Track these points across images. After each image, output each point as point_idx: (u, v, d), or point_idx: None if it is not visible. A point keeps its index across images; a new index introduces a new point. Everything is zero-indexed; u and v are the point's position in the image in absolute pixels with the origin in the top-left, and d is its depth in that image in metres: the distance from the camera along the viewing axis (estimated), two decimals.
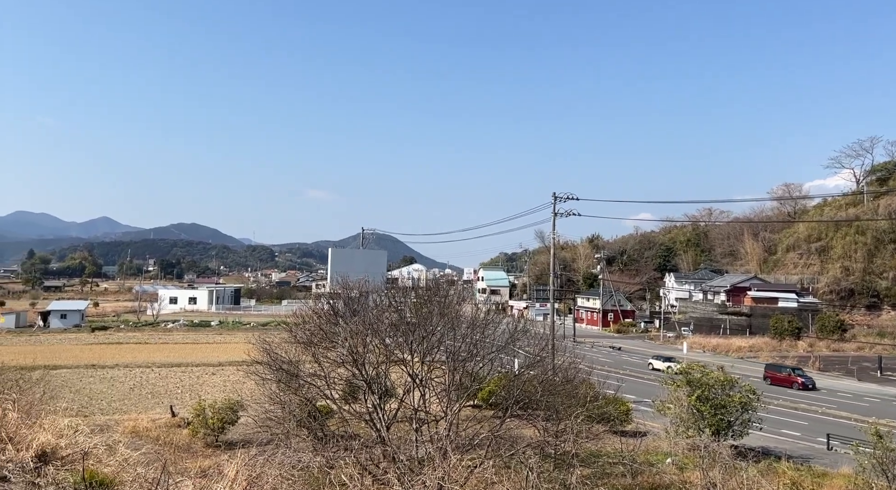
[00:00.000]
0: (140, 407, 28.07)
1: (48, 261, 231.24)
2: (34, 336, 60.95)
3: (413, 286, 34.29)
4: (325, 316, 23.11)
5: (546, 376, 19.59)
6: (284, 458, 13.06)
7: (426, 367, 18.62)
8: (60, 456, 10.22)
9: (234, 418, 22.61)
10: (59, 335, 61.57)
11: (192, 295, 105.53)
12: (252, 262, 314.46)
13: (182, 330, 69.58)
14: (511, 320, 24.27)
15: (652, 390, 31.51)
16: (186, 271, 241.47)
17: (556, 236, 42.83)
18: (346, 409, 19.25)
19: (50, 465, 9.59)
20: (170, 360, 44.51)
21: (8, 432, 10.98)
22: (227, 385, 33.48)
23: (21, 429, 11.49)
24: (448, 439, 14.44)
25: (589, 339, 71.74)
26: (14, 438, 10.77)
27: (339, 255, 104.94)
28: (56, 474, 9.21)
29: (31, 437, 10.60)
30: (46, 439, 10.39)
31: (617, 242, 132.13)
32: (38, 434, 10.89)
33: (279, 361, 20.32)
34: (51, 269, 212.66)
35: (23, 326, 68.31)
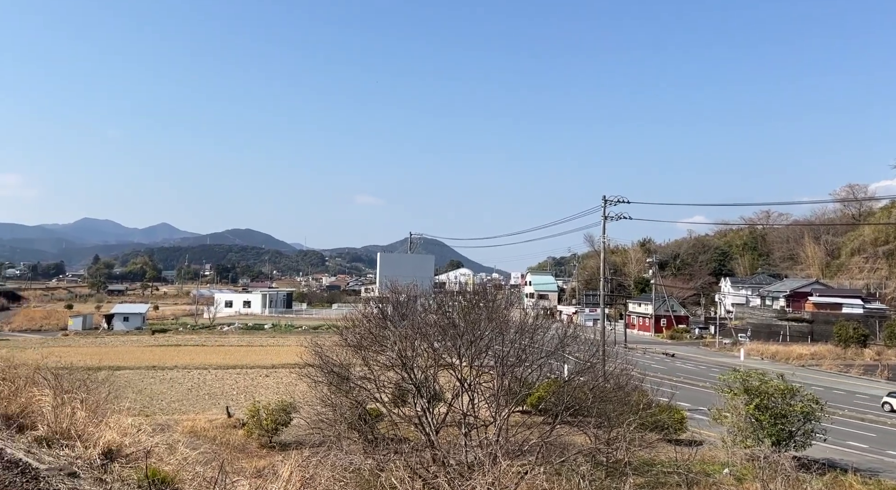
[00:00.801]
0: (197, 407, 28.96)
1: (112, 266, 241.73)
2: (99, 338, 63.75)
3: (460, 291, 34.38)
4: (375, 320, 23.40)
5: (597, 383, 19.29)
6: (336, 460, 13.25)
7: (474, 372, 18.61)
8: (125, 454, 10.64)
9: (287, 420, 23.08)
10: (122, 337, 64.22)
11: (247, 299, 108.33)
12: (303, 267, 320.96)
13: (237, 333, 71.53)
14: (560, 326, 24.02)
15: (707, 398, 30.62)
16: (241, 276, 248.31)
17: (606, 240, 42.17)
18: (395, 412, 19.41)
19: (115, 462, 10.00)
20: (225, 362, 45.80)
21: (77, 430, 11.51)
22: (280, 387, 34.22)
23: (88, 427, 12.03)
24: (498, 445, 14.38)
25: (641, 345, 70.22)
26: (82, 436, 11.28)
27: (387, 260, 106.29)
28: (121, 471, 9.59)
29: (98, 435, 11.08)
30: (112, 437, 10.84)
31: (670, 246, 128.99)
32: (104, 432, 11.38)
33: (330, 364, 20.68)
34: (114, 273, 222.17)
35: (89, 328, 71.54)
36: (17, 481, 7.96)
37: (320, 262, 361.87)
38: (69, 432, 11.51)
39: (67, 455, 10.30)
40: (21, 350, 44.85)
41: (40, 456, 9.86)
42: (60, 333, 67.37)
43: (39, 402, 13.65)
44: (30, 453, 9.80)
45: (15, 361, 25.29)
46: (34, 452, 10.00)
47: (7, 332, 68.39)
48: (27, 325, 75.73)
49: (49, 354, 37.49)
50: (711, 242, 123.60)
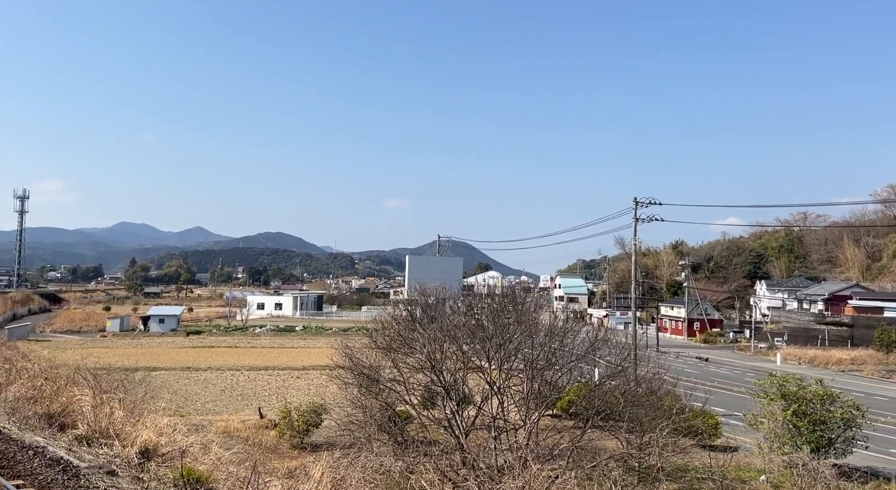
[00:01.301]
0: (230, 408, 29.40)
1: (148, 269, 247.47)
2: (136, 339, 65.24)
3: (489, 293, 34.30)
4: (404, 322, 23.51)
5: (628, 387, 19.03)
6: (367, 462, 13.32)
7: (504, 375, 18.54)
8: (161, 453, 10.88)
9: (318, 421, 23.29)
10: (158, 338, 65.61)
11: (278, 301, 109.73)
12: (333, 270, 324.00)
13: (269, 335, 72.52)
14: (590, 329, 23.76)
15: (743, 403, 29.96)
16: (272, 278, 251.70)
17: (637, 242, 41.64)
18: (424, 414, 19.45)
19: (152, 461, 10.23)
20: (258, 363, 46.44)
21: (115, 429, 11.81)
22: (311, 388, 34.56)
23: (126, 426, 12.33)
24: (528, 448, 14.30)
25: (673, 349, 69.10)
26: (120, 435, 11.56)
27: (416, 263, 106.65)
28: (157, 470, 9.81)
29: (135, 435, 11.35)
30: (148, 437, 11.09)
31: (703, 248, 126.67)
32: (141, 432, 11.65)
33: (360, 366, 20.82)
34: (150, 276, 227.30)
35: (126, 330, 73.28)
36: (59, 479, 8.20)
37: (350, 265, 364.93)
38: (108, 431, 11.81)
39: (106, 453, 10.58)
40: (62, 351, 46.15)
41: (81, 454, 10.14)
42: (99, 335, 69.14)
43: (80, 402, 14.04)
44: (71, 451, 10.08)
45: (56, 362, 26.10)
46: (75, 451, 10.28)
47: (49, 333, 70.45)
48: (67, 326, 77.93)
49: (88, 355, 38.51)
50: (746, 245, 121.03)
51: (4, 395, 14.81)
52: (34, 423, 12.37)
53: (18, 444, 10.06)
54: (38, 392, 15.27)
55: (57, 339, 62.92)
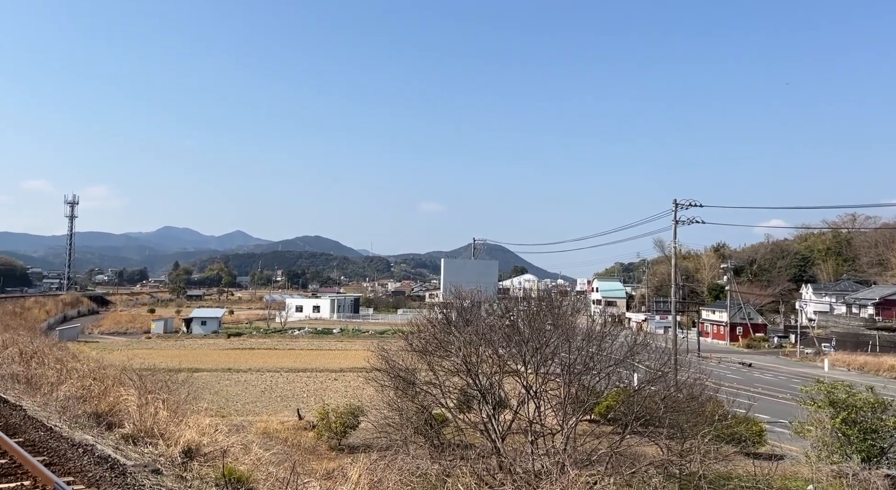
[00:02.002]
0: (270, 409, 29.86)
1: (190, 272, 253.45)
2: (179, 341, 66.90)
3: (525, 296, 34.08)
4: (439, 325, 23.52)
5: (668, 392, 18.65)
6: (403, 465, 13.37)
7: (540, 379, 18.39)
8: (203, 452, 11.12)
9: (355, 423, 23.48)
10: (200, 340, 67.14)
11: (316, 303, 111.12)
12: (369, 273, 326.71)
13: (307, 337, 73.52)
14: (629, 333, 23.39)
15: (788, 410, 29.07)
16: (310, 281, 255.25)
17: (677, 245, 40.85)
18: (460, 418, 19.42)
19: (194, 460, 10.47)
20: (296, 365, 47.09)
21: (159, 428, 12.12)
22: (348, 390, 34.87)
23: (170, 426, 12.65)
24: (565, 454, 14.14)
25: (715, 354, 67.51)
26: (164, 434, 11.87)
27: (451, 266, 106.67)
28: (200, 469, 10.03)
29: (179, 434, 11.63)
30: (191, 437, 11.36)
31: (745, 251, 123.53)
32: (184, 431, 11.93)
33: (396, 369, 20.91)
34: (192, 279, 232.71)
35: (170, 332, 75.21)
36: (107, 476, 8.45)
37: (386, 268, 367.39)
38: (152, 431, 12.13)
39: (151, 452, 10.86)
40: (109, 352, 47.61)
41: (127, 452, 10.43)
42: (144, 336, 71.13)
43: (126, 402, 14.46)
44: (118, 450, 10.38)
45: (104, 363, 26.92)
46: (121, 449, 10.59)
47: (97, 335, 72.81)
48: (114, 327, 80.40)
49: (133, 356, 39.64)
50: (791, 247, 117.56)
51: (56, 395, 15.37)
52: (83, 421, 12.80)
53: (69, 441, 10.41)
54: (87, 392, 15.79)
55: (104, 341, 64.96)
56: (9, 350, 24.77)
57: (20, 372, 19.22)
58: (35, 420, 12.15)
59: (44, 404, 14.45)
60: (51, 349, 29.05)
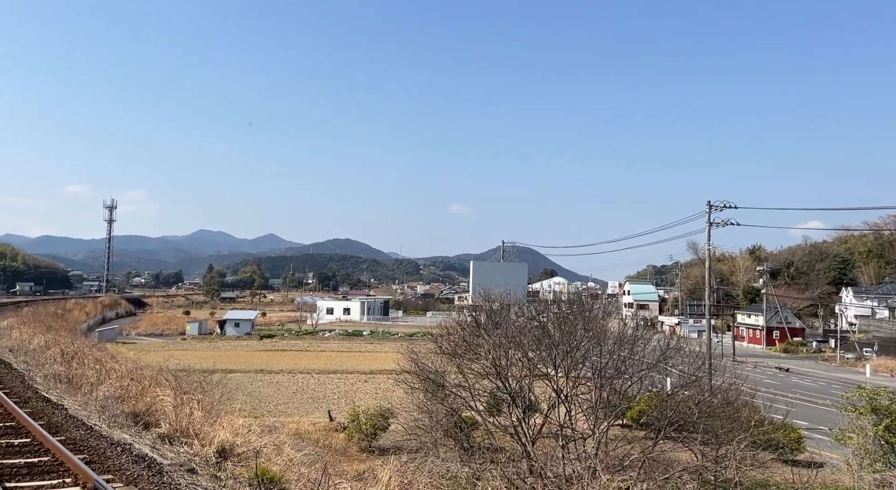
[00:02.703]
0: (301, 410, 30.17)
1: (224, 274, 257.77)
2: (213, 342, 68.10)
3: (555, 299, 33.82)
4: (468, 328, 23.49)
5: (703, 397, 18.32)
6: (433, 467, 13.39)
7: (571, 383, 18.23)
8: (237, 453, 11.30)
9: (385, 425, 23.57)
10: (234, 342, 68.24)
11: (347, 306, 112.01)
12: (399, 275, 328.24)
13: (337, 339, 74.14)
14: (662, 337, 23.05)
15: (828, 417, 28.27)
16: (341, 284, 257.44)
17: (711, 247, 40.11)
18: (490, 421, 19.35)
19: (228, 460, 10.64)
20: (327, 367, 47.51)
21: (194, 429, 12.35)
22: (378, 392, 35.03)
23: (204, 426, 12.88)
24: (597, 458, 13.98)
25: (751, 358, 66.05)
26: (199, 434, 12.09)
27: (480, 268, 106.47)
28: (233, 469, 10.19)
29: (213, 435, 11.84)
30: (225, 437, 11.55)
31: (782, 254, 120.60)
32: (218, 432, 12.14)
33: (426, 371, 20.94)
34: (226, 282, 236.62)
35: (204, 333, 76.59)
36: (144, 475, 8.64)
37: (415, 271, 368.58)
38: (188, 430, 12.36)
39: (186, 452, 11.07)
40: (146, 353, 48.70)
41: (163, 452, 10.65)
42: (179, 337, 72.58)
43: (162, 402, 14.77)
44: (154, 449, 10.60)
45: (141, 363, 27.54)
46: (158, 448, 10.82)
47: (134, 336, 74.58)
48: (151, 329, 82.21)
49: (169, 357, 40.41)
50: (830, 249, 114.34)
51: (95, 394, 15.77)
52: (121, 421, 13.11)
53: (108, 440, 10.68)
54: (125, 392, 16.18)
55: (141, 342, 66.48)
56: (51, 350, 25.55)
57: (62, 372, 19.80)
58: (76, 419, 12.50)
59: (84, 404, 14.86)
60: (90, 350, 29.84)
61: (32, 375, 19.10)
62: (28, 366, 21.53)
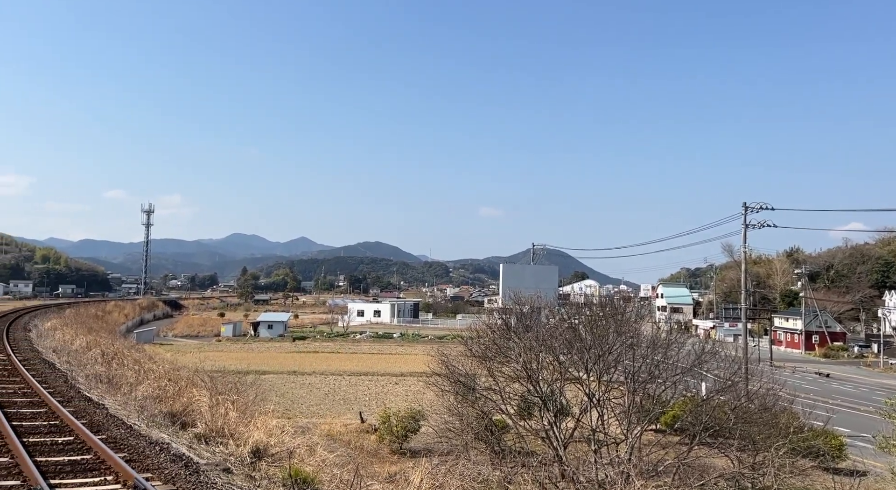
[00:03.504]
0: (333, 412, 30.43)
1: (258, 277, 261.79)
2: (247, 344, 69.18)
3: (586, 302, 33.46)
4: (499, 330, 23.41)
5: (739, 402, 17.94)
6: (464, 470, 13.37)
7: (603, 387, 18.02)
8: (270, 453, 11.46)
9: (415, 427, 23.63)
10: (267, 343, 69.22)
11: (377, 308, 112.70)
12: (428, 278, 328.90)
13: (368, 341, 74.63)
14: (696, 341, 22.66)
15: (871, 424, 27.39)
16: (371, 286, 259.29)
17: (746, 250, 39.29)
18: (521, 424, 19.26)
19: (262, 460, 10.80)
20: (358, 368, 47.86)
21: (229, 429, 12.58)
22: (408, 395, 35.14)
23: (239, 426, 13.10)
24: (630, 463, 13.80)
25: (789, 363, 64.38)
26: (234, 434, 12.30)
27: (510, 271, 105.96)
28: (267, 469, 10.34)
29: (247, 435, 12.04)
30: (259, 437, 11.73)
31: (821, 256, 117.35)
32: (252, 432, 12.34)
33: (456, 374, 20.94)
34: (259, 284, 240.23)
35: (238, 335, 77.86)
36: (182, 474, 8.82)
37: (444, 274, 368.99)
38: (223, 430, 12.59)
39: (222, 452, 11.27)
40: (182, 354, 49.74)
41: (200, 451, 10.86)
42: (214, 339, 73.91)
43: (198, 402, 15.07)
44: (191, 448, 10.82)
45: (178, 364, 28.15)
46: (195, 448, 11.04)
47: (171, 337, 76.22)
48: (187, 330, 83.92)
49: (205, 358, 41.22)
50: (872, 252, 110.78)
51: (134, 394, 16.17)
52: (159, 420, 13.42)
53: (146, 439, 10.94)
54: (163, 392, 16.56)
55: (178, 343, 67.90)
56: (92, 351, 26.29)
57: (102, 372, 20.36)
58: (116, 418, 12.83)
59: (123, 403, 15.24)
60: (129, 351, 30.62)
61: (75, 375, 19.67)
62: (70, 366, 22.19)
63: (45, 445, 10.32)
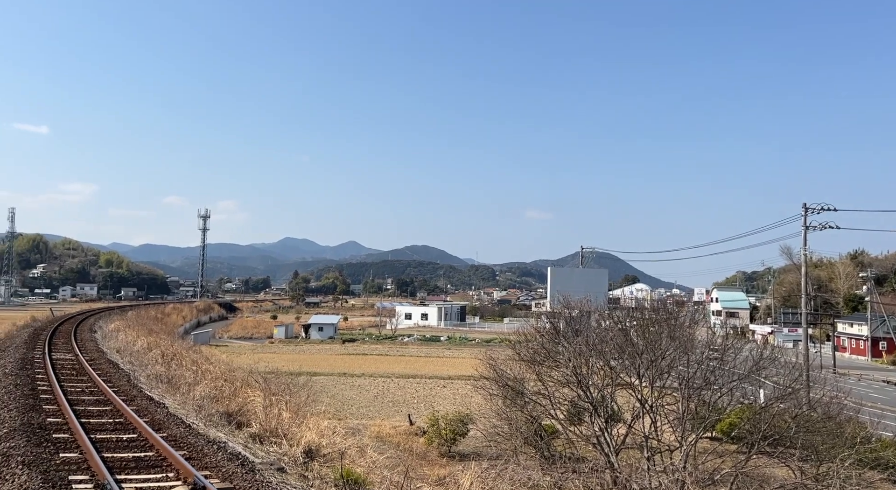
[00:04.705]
0: (382, 414, 30.73)
1: (308, 280, 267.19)
2: (298, 346, 70.59)
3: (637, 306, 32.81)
4: (547, 335, 23.20)
5: (801, 411, 17.27)
6: (514, 475, 13.30)
7: (656, 393, 17.64)
8: (322, 453, 11.65)
9: (464, 431, 23.62)
10: (318, 345, 70.47)
11: (424, 311, 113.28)
12: (475, 281, 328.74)
13: (416, 344, 75.08)
14: (754, 346, 21.91)
15: None
16: (418, 289, 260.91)
17: (807, 252, 37.77)
18: (571, 430, 19.01)
19: (315, 460, 10.99)
20: (406, 371, 48.17)
21: (283, 429, 12.85)
22: (456, 398, 35.16)
23: (292, 427, 13.37)
24: (685, 472, 13.44)
25: (854, 371, 61.52)
26: (287, 435, 12.56)
27: (558, 274, 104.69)
28: (319, 469, 10.51)
29: (300, 435, 12.27)
30: (312, 438, 11.94)
31: (889, 259, 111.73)
32: (304, 433, 12.57)
33: (504, 378, 20.85)
34: (310, 287, 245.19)
35: (290, 337, 79.57)
36: (238, 472, 9.06)
37: (491, 277, 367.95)
38: (276, 431, 12.87)
39: (275, 451, 11.52)
40: (237, 355, 51.12)
41: (254, 451, 11.14)
42: (267, 341, 75.72)
43: (253, 403, 15.46)
44: (247, 448, 11.10)
45: (233, 366, 28.95)
46: (250, 447, 11.32)
47: (226, 339, 78.49)
48: (241, 332, 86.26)
49: (258, 360, 42.22)
50: None
51: (192, 394, 16.71)
52: (216, 420, 13.82)
53: (204, 438, 11.29)
54: (219, 392, 17.05)
55: (233, 345, 69.85)
56: (153, 352, 27.31)
57: (162, 372, 21.12)
58: (175, 417, 13.29)
59: (182, 403, 15.77)
60: (187, 352, 31.68)
61: (137, 375, 20.49)
62: (133, 366, 23.12)
63: (110, 442, 10.78)
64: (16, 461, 8.94)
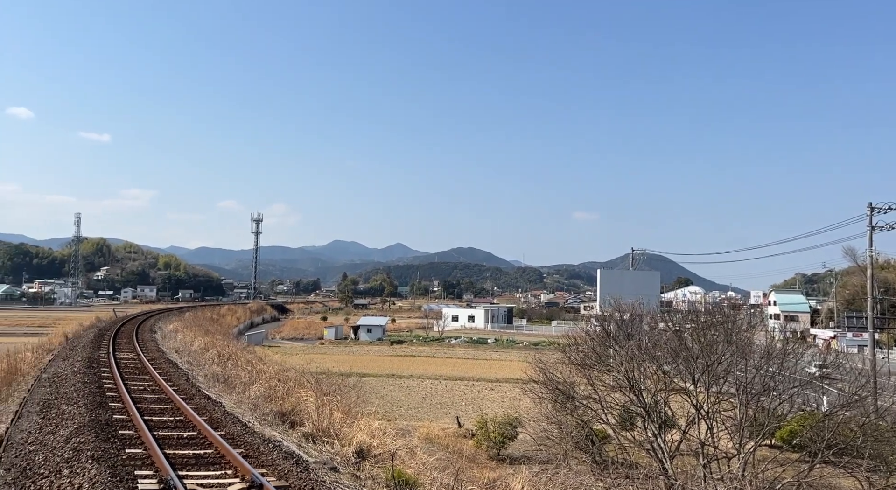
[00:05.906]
0: (431, 416, 30.84)
1: (357, 282, 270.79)
2: (348, 347, 71.58)
3: (692, 309, 31.92)
4: (598, 338, 22.83)
5: (868, 419, 16.50)
6: (566, 480, 13.14)
7: (711, 399, 17.15)
8: (373, 454, 11.78)
9: (513, 434, 23.48)
10: (366, 347, 71.31)
11: (471, 313, 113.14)
12: (522, 283, 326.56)
13: (463, 346, 75.07)
14: (815, 352, 21.08)
15: None
16: (465, 292, 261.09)
17: (873, 253, 36.07)
18: (623, 435, 18.67)
19: (366, 460, 11.12)
20: (453, 373, 48.21)
21: (334, 429, 13.05)
22: (504, 401, 34.97)
23: (343, 427, 13.56)
24: (745, 480, 13.02)
25: None
26: (339, 435, 12.75)
27: (608, 277, 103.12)
28: (371, 470, 10.64)
29: (351, 435, 12.44)
30: (363, 438, 12.09)
31: None
32: (356, 433, 12.73)
33: (554, 382, 20.64)
34: (358, 289, 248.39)
35: (340, 338, 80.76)
36: (293, 471, 9.25)
37: (538, 279, 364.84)
38: (328, 431, 13.08)
39: (328, 451, 11.71)
40: (289, 356, 52.19)
41: (308, 450, 11.34)
42: (318, 342, 77.03)
43: (305, 403, 15.75)
44: (300, 447, 11.32)
45: (285, 366, 29.59)
46: (303, 446, 11.53)
47: (278, 340, 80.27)
48: (292, 333, 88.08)
49: (310, 361, 42.99)
50: None
51: (248, 394, 17.16)
52: (270, 419, 14.15)
53: (260, 437, 11.57)
54: (273, 392, 17.45)
55: (285, 345, 71.37)
56: (210, 352, 28.17)
57: (219, 372, 21.77)
58: (232, 415, 13.67)
59: (238, 402, 16.21)
60: (242, 352, 32.53)
61: (195, 374, 21.16)
62: (191, 366, 23.89)
63: (171, 439, 11.17)
64: (86, 455, 9.37)
